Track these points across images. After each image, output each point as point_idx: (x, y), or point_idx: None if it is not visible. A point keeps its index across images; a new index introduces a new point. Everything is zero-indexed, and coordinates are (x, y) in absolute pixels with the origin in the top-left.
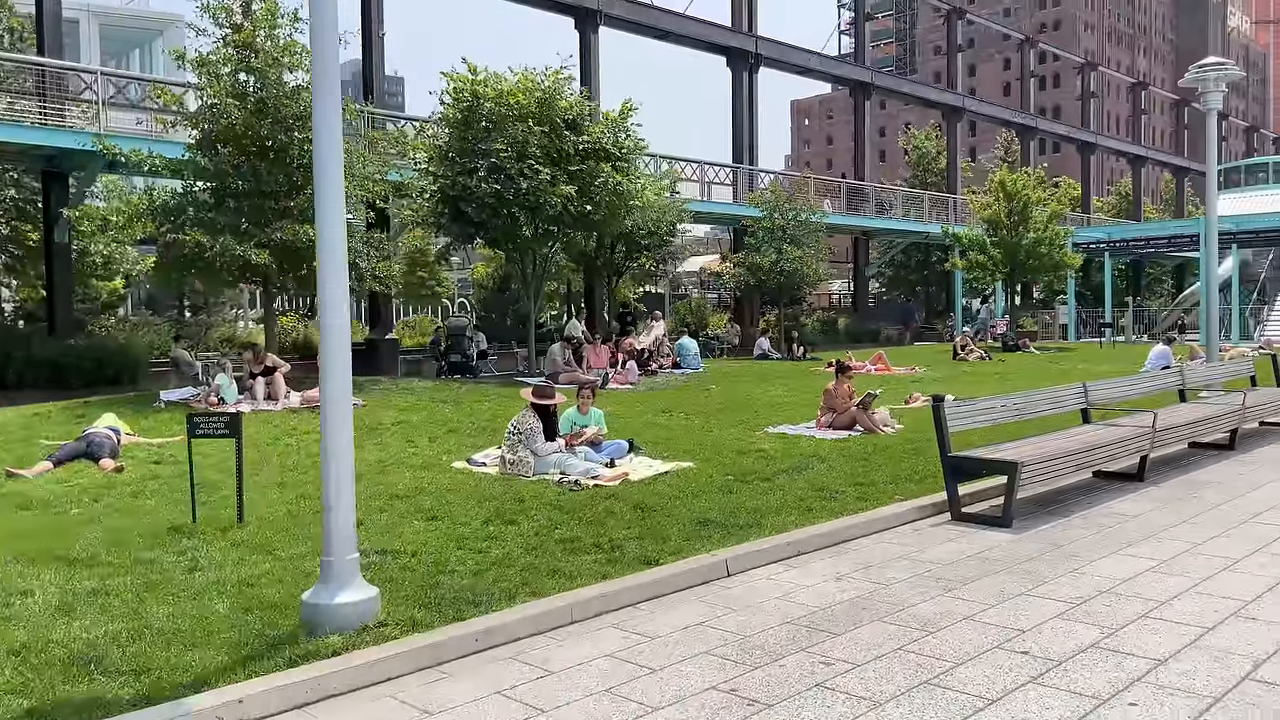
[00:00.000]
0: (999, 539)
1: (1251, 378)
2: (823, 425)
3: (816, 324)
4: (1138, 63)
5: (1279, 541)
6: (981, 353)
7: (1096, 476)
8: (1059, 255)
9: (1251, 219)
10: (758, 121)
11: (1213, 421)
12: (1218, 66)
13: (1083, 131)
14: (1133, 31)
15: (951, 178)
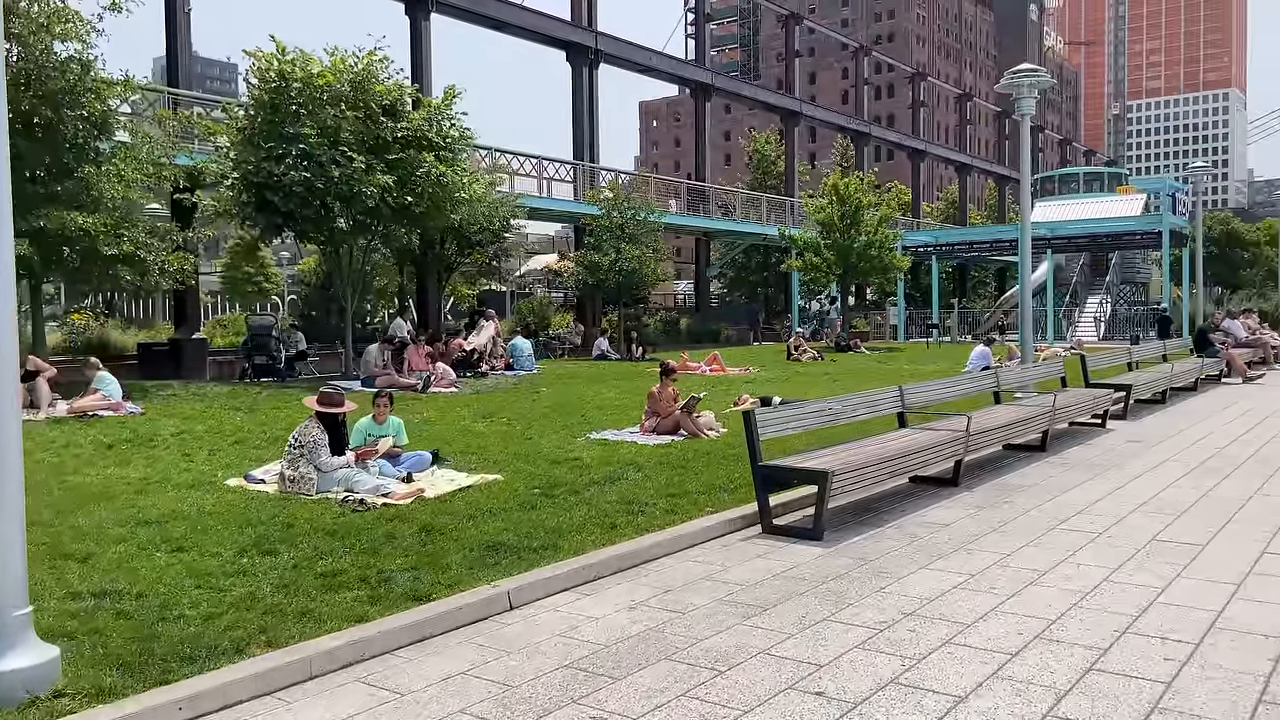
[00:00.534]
0: (809, 554)
1: (1062, 379)
2: (646, 430)
3: (659, 324)
4: (965, 76)
5: (1084, 550)
6: (814, 353)
7: (913, 482)
8: (889, 258)
9: (1064, 225)
10: (598, 118)
11: (1025, 423)
12: (1031, 73)
13: (913, 139)
14: (960, 47)
15: (790, 181)
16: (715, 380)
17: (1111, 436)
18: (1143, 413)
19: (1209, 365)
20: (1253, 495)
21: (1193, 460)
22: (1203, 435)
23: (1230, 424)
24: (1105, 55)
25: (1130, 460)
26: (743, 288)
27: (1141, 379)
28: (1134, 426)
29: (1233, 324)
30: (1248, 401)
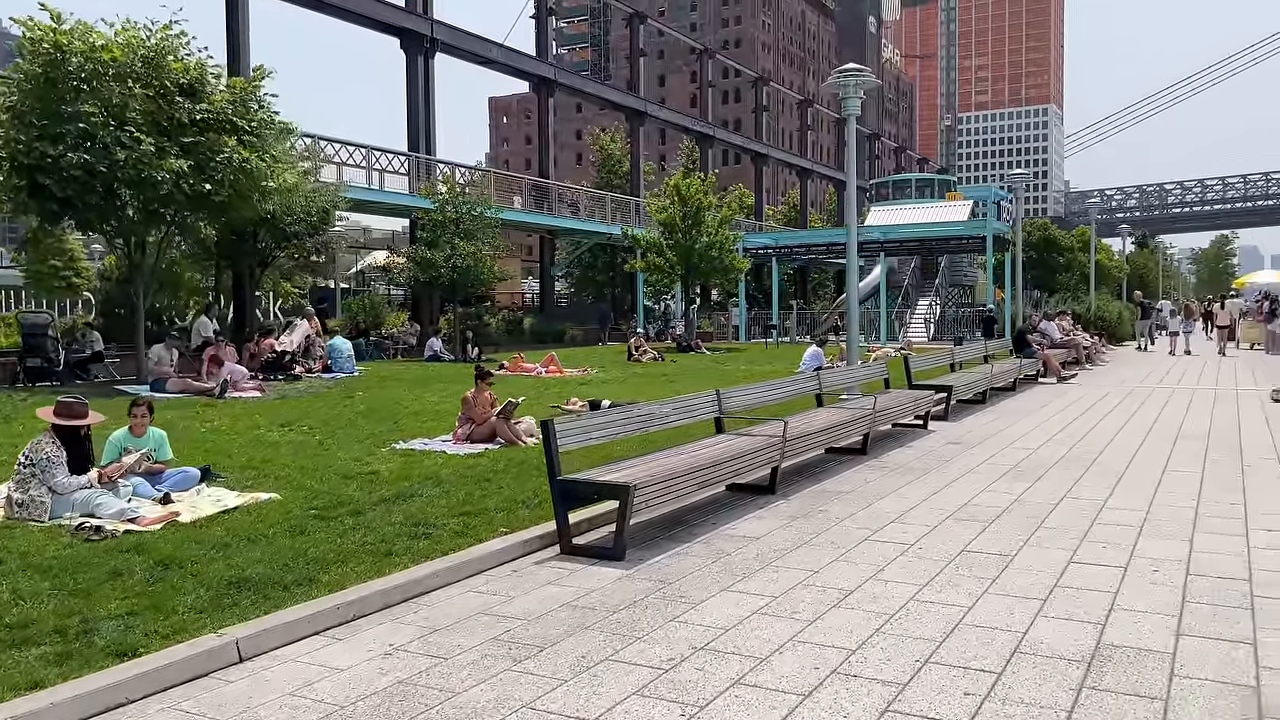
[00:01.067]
0: (606, 578)
1: (885, 380)
2: (460, 438)
3: (501, 324)
4: (808, 84)
5: (894, 564)
6: (655, 354)
7: (730, 490)
8: (729, 259)
9: (896, 229)
10: (435, 109)
11: (845, 427)
12: (856, 73)
13: (757, 143)
14: (803, 55)
15: (635, 181)
16: (550, 382)
17: (932, 438)
18: (964, 413)
19: (1027, 365)
20: (1062, 499)
21: (1007, 463)
22: (1019, 436)
23: (1045, 424)
24: (938, 69)
25: (948, 463)
26: (590, 287)
27: (963, 380)
28: (954, 427)
29: (1049, 325)
30: (1061, 401)
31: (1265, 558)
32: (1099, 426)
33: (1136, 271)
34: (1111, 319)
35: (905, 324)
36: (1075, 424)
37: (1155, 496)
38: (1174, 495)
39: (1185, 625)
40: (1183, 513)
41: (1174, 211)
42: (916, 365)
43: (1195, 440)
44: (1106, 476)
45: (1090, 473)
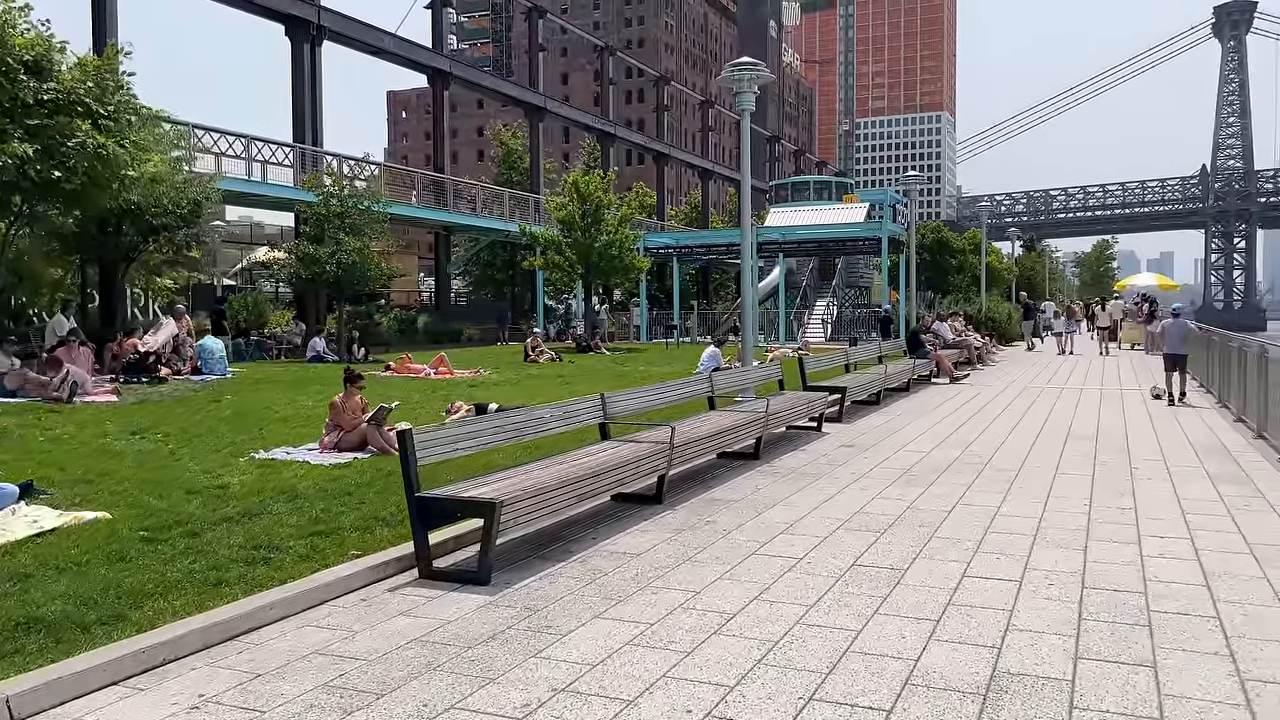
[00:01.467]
0: (467, 606)
1: (780, 381)
2: (326, 447)
3: (393, 323)
4: (710, 85)
5: (782, 581)
6: (552, 354)
7: (616, 500)
8: (629, 258)
9: (794, 230)
10: (322, 99)
11: (737, 431)
12: (750, 67)
13: (658, 143)
14: (705, 56)
15: (535, 177)
16: (438, 384)
17: (826, 441)
18: (858, 414)
19: (920, 366)
20: (955, 505)
21: (900, 466)
22: (912, 438)
23: (938, 425)
24: (837, 75)
25: (841, 468)
26: (489, 286)
27: (857, 381)
28: (848, 429)
29: (941, 326)
30: (954, 402)
31: (1158, 567)
32: (991, 428)
33: (1025, 274)
34: (1001, 320)
35: (803, 324)
36: (968, 425)
37: (1048, 501)
38: (1066, 500)
39: (1083, 647)
40: (1075, 519)
41: (1058, 217)
42: (812, 366)
43: (1085, 441)
44: (999, 481)
45: (983, 477)
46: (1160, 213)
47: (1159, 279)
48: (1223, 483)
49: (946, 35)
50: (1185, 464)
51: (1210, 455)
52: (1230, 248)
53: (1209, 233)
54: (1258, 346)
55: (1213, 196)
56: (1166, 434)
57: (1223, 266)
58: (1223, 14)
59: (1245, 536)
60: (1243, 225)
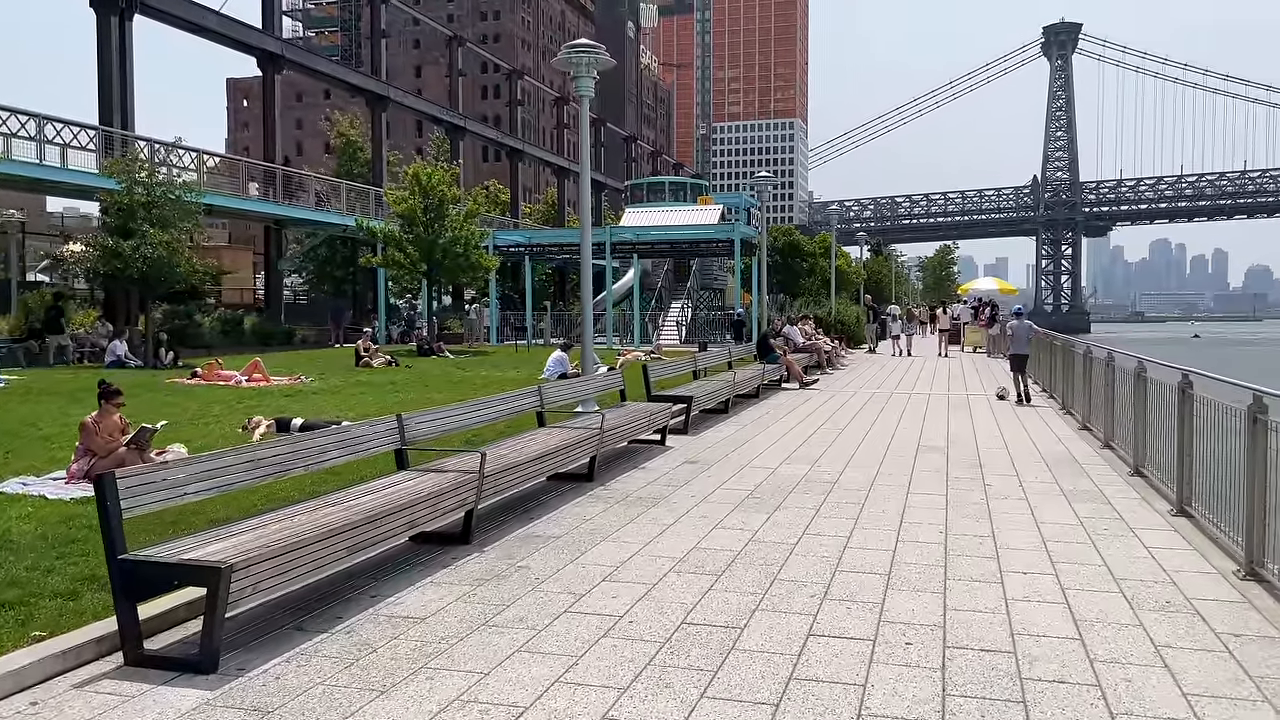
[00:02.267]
0: (177, 708)
1: (621, 391)
2: (75, 476)
3: (216, 323)
4: (568, 84)
5: (591, 653)
6: (387, 358)
7: (415, 541)
8: (475, 256)
9: (648, 231)
10: (133, 78)
11: (568, 451)
12: (588, 49)
13: (511, 138)
14: None
15: (377, 170)
16: (248, 394)
17: (669, 456)
18: (705, 424)
19: (770, 371)
20: (802, 536)
21: (745, 487)
22: (759, 452)
23: (786, 436)
24: (694, 79)
25: (681, 490)
26: (328, 284)
27: (704, 389)
28: (694, 442)
29: (792, 330)
30: (804, 409)
31: (1026, 614)
32: (840, 440)
33: (873, 277)
34: (850, 323)
35: (658, 326)
36: (817, 436)
37: (901, 529)
38: (920, 528)
39: None
40: (931, 551)
41: (904, 223)
42: (659, 373)
43: (936, 453)
44: (848, 504)
45: (831, 499)
46: (996, 220)
47: (999, 283)
48: (1079, 501)
49: (799, 44)
50: (1038, 479)
51: (1062, 468)
52: (1059, 254)
53: (1039, 240)
54: (1105, 355)
55: (1043, 206)
56: (1016, 443)
57: (1052, 272)
58: (1051, 34)
59: (1111, 569)
60: (1069, 233)
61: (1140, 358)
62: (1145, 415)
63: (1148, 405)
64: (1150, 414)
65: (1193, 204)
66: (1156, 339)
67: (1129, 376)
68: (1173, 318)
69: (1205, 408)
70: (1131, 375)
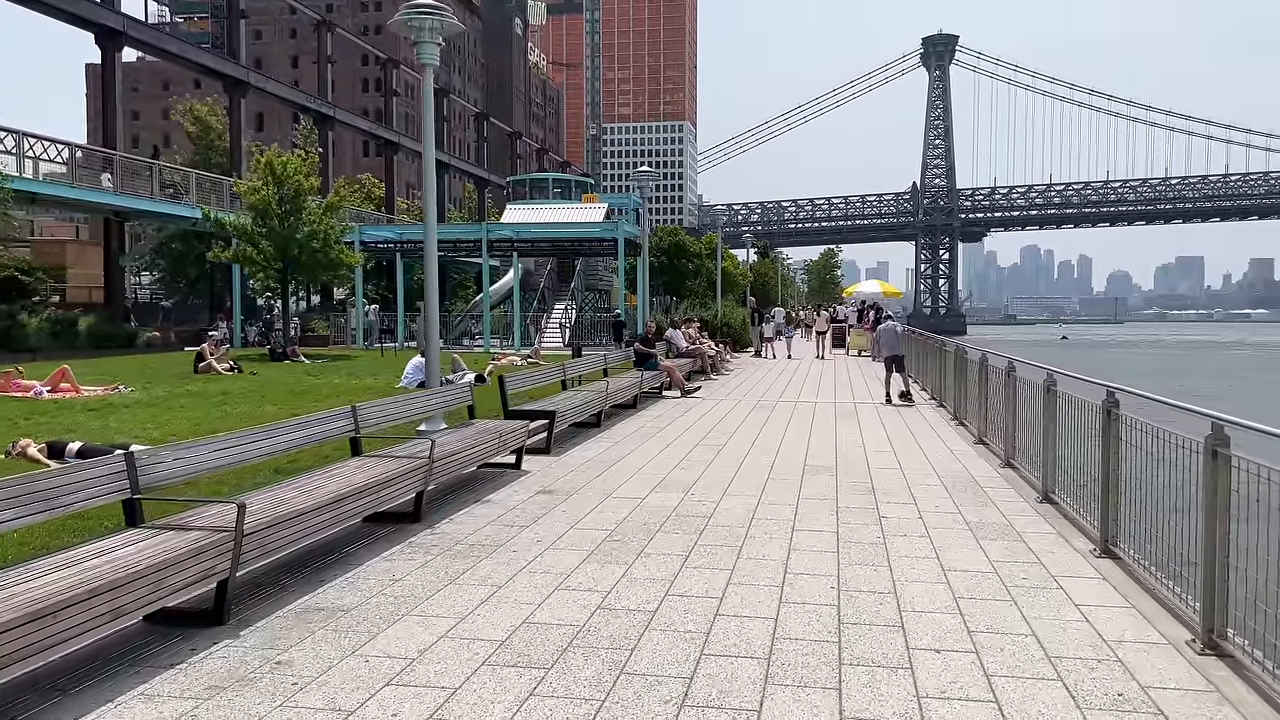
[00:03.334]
0: None
1: (469, 407)
2: None
3: (45, 324)
4: (453, 79)
5: None
6: (232, 364)
7: (152, 621)
8: (336, 252)
9: (529, 229)
10: None
11: (379, 490)
12: (433, 10)
13: (384, 129)
14: (447, 49)
15: (235, 159)
16: (45, 407)
17: (521, 485)
18: (573, 441)
19: (649, 379)
20: (663, 600)
21: (604, 526)
22: (627, 477)
23: (660, 455)
24: (584, 79)
25: (526, 532)
26: (183, 281)
27: (573, 401)
28: (555, 465)
29: (674, 334)
30: (683, 421)
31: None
32: (720, 459)
33: (759, 280)
34: (736, 326)
35: (540, 329)
36: (694, 455)
37: (785, 584)
38: (809, 583)
39: None
40: (822, 619)
41: (790, 227)
42: (520, 384)
43: (823, 475)
44: (723, 549)
45: (704, 543)
46: (878, 226)
47: (883, 286)
48: (989, 538)
49: (688, 47)
50: (939, 509)
51: (963, 492)
52: (936, 259)
53: (919, 245)
54: (1005, 365)
55: (922, 212)
56: (909, 460)
57: (930, 276)
58: (930, 45)
59: (1041, 642)
60: (946, 238)
61: (1051, 369)
62: (1056, 435)
63: (1060, 424)
64: (1064, 434)
65: (1061, 212)
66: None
67: (1037, 391)
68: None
69: (1140, 433)
70: (1040, 390)
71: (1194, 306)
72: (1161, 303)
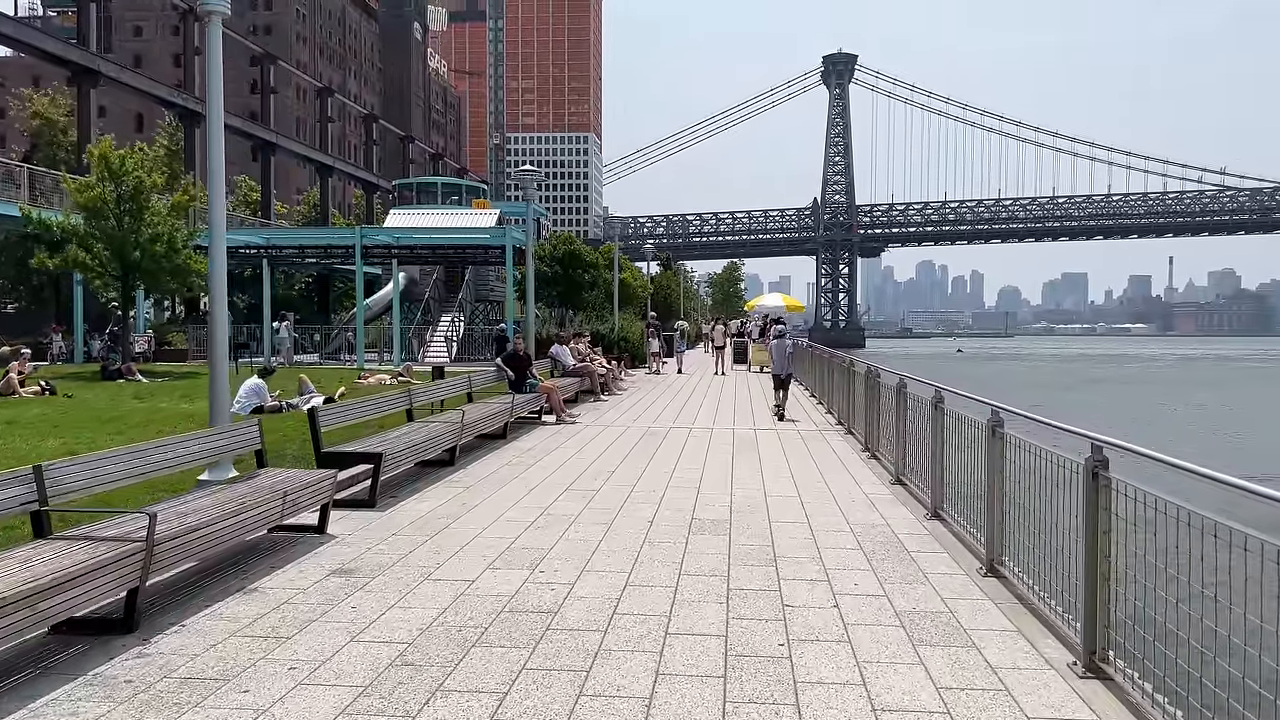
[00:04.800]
0: None
1: (258, 451)
2: None
3: None
4: (349, 83)
5: None
6: (43, 385)
7: None
8: (182, 258)
9: (408, 235)
10: None
11: (55, 594)
12: None
13: (260, 128)
14: (344, 52)
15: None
16: None
17: (312, 561)
18: (411, 487)
19: (524, 403)
20: None
21: (402, 634)
22: (463, 543)
23: (515, 508)
24: (488, 88)
25: (281, 650)
26: (23, 288)
27: (411, 439)
28: (372, 526)
29: (561, 350)
30: (556, 456)
31: None
32: (588, 512)
33: (661, 293)
34: (635, 340)
35: (425, 343)
36: (558, 506)
37: None
38: None
39: None
40: None
41: (694, 240)
42: (354, 414)
43: (713, 537)
44: (560, 681)
45: (534, 666)
46: (780, 240)
47: (786, 299)
48: (929, 643)
49: (593, 58)
50: (859, 588)
51: (886, 560)
52: (836, 273)
53: (819, 259)
54: (931, 394)
55: (822, 227)
56: (818, 509)
57: (830, 290)
58: (830, 64)
59: None
60: (846, 253)
61: (995, 405)
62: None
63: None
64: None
65: (955, 228)
66: (927, 353)
67: (977, 431)
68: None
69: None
70: (983, 431)
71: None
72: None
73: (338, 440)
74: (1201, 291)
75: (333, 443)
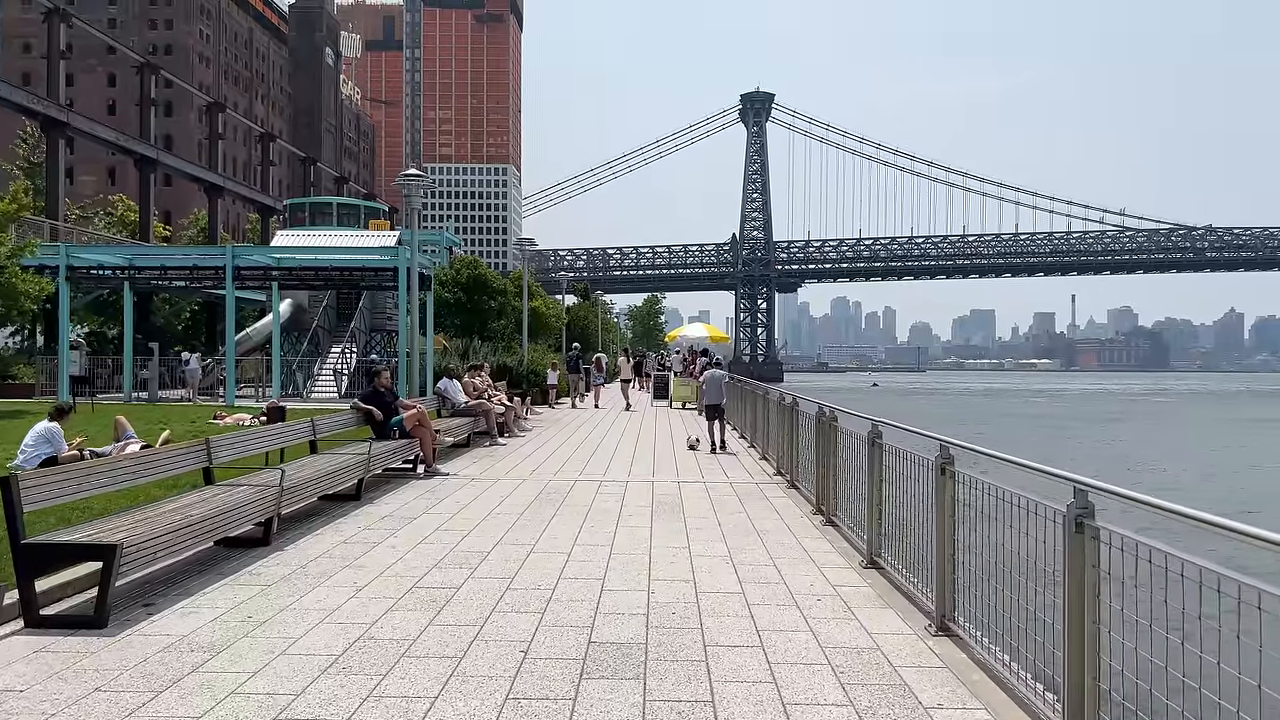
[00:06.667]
0: None
1: None
2: None
3: None
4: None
5: None
6: None
7: None
8: (7, 277)
9: (291, 256)
10: None
11: None
12: None
13: (136, 142)
14: (250, 75)
15: None
16: None
17: None
18: (179, 591)
19: (386, 453)
20: None
21: None
22: (200, 712)
23: (325, 625)
24: (404, 117)
25: None
26: None
27: (183, 516)
28: (69, 670)
29: (450, 385)
30: (420, 524)
31: None
32: (426, 636)
33: (578, 323)
34: (543, 373)
35: (312, 376)
36: (390, 623)
37: None
38: None
39: None
40: None
41: (615, 274)
42: (130, 476)
43: (620, 681)
44: None
45: None
46: (700, 274)
47: (710, 330)
48: None
49: (512, 90)
50: None
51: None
52: (755, 308)
53: (738, 294)
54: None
55: (741, 262)
56: (772, 622)
57: (749, 324)
58: (747, 102)
59: None
60: (764, 289)
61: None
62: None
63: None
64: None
65: (869, 265)
66: (844, 387)
67: (1034, 514)
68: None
69: None
70: (1062, 519)
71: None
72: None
73: (73, 522)
74: (1102, 329)
75: (57, 527)
